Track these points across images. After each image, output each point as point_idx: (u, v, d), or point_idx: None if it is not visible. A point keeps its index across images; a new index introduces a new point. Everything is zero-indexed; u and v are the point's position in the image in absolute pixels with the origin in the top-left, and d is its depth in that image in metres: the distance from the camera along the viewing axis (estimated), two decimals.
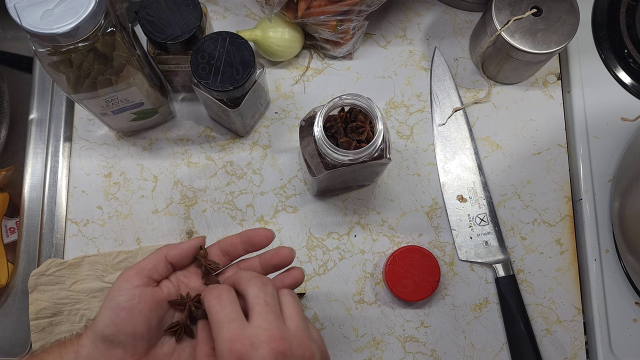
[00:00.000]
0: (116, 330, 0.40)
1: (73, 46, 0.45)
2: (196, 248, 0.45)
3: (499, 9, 0.59)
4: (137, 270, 0.42)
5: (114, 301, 0.41)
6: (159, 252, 0.44)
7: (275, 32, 0.62)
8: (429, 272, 0.58)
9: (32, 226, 0.62)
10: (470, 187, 0.63)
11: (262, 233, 0.45)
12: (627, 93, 0.65)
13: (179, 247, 0.44)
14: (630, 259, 0.58)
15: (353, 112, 0.52)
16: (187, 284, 0.45)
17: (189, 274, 0.45)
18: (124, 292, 0.41)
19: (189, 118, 0.65)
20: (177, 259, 0.44)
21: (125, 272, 0.42)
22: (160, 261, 0.43)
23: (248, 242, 0.45)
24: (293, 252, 0.45)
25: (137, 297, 0.41)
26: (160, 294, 0.43)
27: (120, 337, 0.40)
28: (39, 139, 0.65)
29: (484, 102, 0.66)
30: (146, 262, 0.43)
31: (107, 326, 0.40)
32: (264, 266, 0.45)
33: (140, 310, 0.41)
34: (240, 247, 0.45)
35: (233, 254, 0.46)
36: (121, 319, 0.40)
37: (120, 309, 0.40)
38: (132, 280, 0.42)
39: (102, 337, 0.41)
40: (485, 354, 0.59)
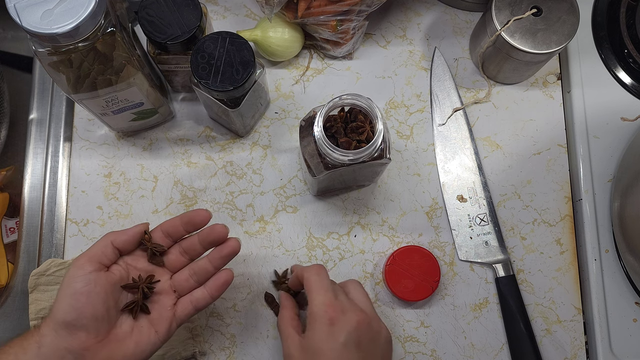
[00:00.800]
0: (78, 315, 0.43)
1: (73, 46, 0.45)
2: (140, 233, 0.48)
3: (499, 9, 0.59)
4: (87, 257, 0.45)
5: (71, 288, 0.43)
6: (105, 239, 0.46)
7: (275, 32, 0.62)
8: (429, 272, 0.58)
9: (32, 226, 0.62)
10: (470, 187, 0.63)
11: (202, 213, 0.48)
12: (627, 93, 0.65)
13: (124, 233, 0.47)
14: (630, 259, 0.58)
15: (353, 112, 0.52)
16: (135, 266, 0.48)
17: (136, 257, 0.48)
18: (80, 278, 0.44)
19: (189, 118, 0.65)
20: (123, 244, 0.47)
21: (77, 260, 0.45)
22: (107, 247, 0.46)
23: (189, 222, 0.48)
24: (226, 228, 0.49)
25: (93, 281, 0.44)
26: (113, 277, 0.46)
27: (82, 320, 0.43)
28: (39, 139, 0.65)
29: (484, 102, 0.66)
30: (95, 250, 0.46)
31: (67, 312, 0.43)
32: (202, 243, 0.49)
33: (97, 293, 0.44)
34: (181, 228, 0.49)
35: (175, 235, 0.49)
36: (81, 303, 0.43)
37: (79, 294, 0.43)
38: (85, 267, 0.44)
39: (64, 324, 0.42)
40: (485, 354, 0.59)
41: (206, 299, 0.49)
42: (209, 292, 0.49)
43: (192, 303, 0.49)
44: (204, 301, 0.49)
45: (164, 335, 0.47)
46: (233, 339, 0.59)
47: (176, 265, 0.50)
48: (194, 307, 0.49)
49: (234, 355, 0.59)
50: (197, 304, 0.49)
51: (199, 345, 0.58)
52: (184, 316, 0.48)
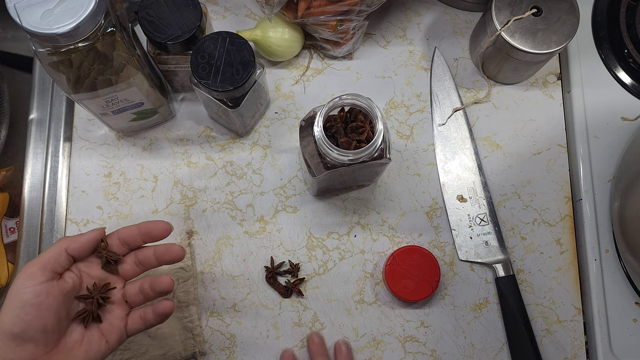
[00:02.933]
0: (26, 327, 0.41)
1: (73, 46, 0.45)
2: (96, 240, 0.46)
3: (499, 9, 0.59)
4: (39, 265, 0.43)
5: (20, 299, 0.41)
6: (59, 246, 0.44)
7: (275, 32, 0.62)
8: (429, 272, 0.58)
9: (32, 226, 0.62)
10: (470, 187, 0.63)
11: (160, 226, 0.47)
12: (627, 93, 0.65)
13: (78, 240, 0.45)
14: (630, 259, 0.58)
15: (353, 112, 0.52)
16: (88, 273, 0.46)
17: (90, 264, 0.47)
18: (30, 289, 0.41)
19: (189, 118, 0.65)
20: (78, 251, 0.45)
21: (27, 268, 0.43)
22: (61, 255, 0.44)
23: (147, 234, 0.47)
24: (183, 251, 0.48)
25: (45, 292, 0.42)
26: (66, 286, 0.44)
27: (30, 332, 0.41)
28: (39, 139, 0.65)
29: (484, 102, 0.66)
30: (47, 257, 0.43)
31: (15, 324, 0.41)
32: (158, 259, 0.48)
33: (49, 304, 0.42)
34: (139, 238, 0.47)
35: (131, 244, 0.47)
36: (30, 316, 0.41)
37: (29, 306, 0.41)
38: (36, 277, 0.42)
39: (11, 335, 0.41)
40: (485, 354, 0.59)
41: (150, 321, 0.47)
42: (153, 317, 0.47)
43: (142, 319, 0.47)
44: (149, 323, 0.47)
45: (114, 345, 0.46)
46: (233, 339, 0.59)
47: (129, 274, 0.48)
48: (143, 322, 0.47)
49: (234, 355, 0.59)
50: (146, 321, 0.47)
51: (199, 345, 0.58)
52: (134, 330, 0.47)
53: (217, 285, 0.60)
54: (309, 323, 0.60)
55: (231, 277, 0.61)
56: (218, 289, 0.60)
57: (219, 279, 0.61)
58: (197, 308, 0.59)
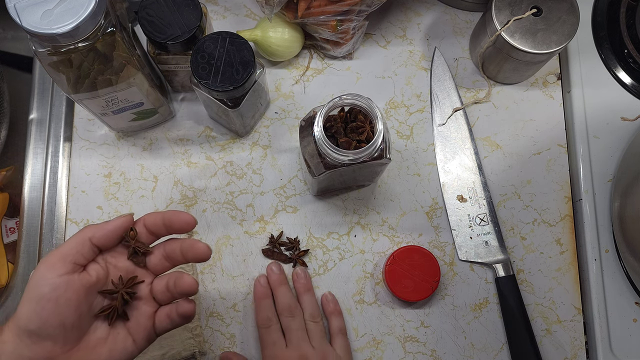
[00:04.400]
0: (42, 323, 0.38)
1: (73, 46, 0.45)
2: (123, 228, 0.42)
3: (499, 9, 0.59)
4: (60, 256, 0.39)
5: (37, 292, 0.38)
6: (82, 235, 0.40)
7: (275, 32, 0.62)
8: (429, 272, 0.58)
9: (32, 226, 0.62)
10: (470, 187, 0.63)
11: (183, 218, 0.42)
12: (627, 93, 0.65)
13: (104, 228, 0.41)
14: (630, 259, 0.58)
15: (353, 112, 0.52)
16: (115, 265, 0.42)
17: (117, 254, 0.42)
18: (48, 281, 0.38)
19: (189, 118, 0.65)
20: (103, 240, 0.41)
21: (47, 258, 0.39)
22: (84, 245, 0.40)
23: (169, 225, 0.42)
24: (210, 250, 0.43)
25: (64, 286, 0.38)
26: (89, 280, 0.40)
27: (48, 329, 0.38)
28: (39, 139, 0.65)
29: (484, 102, 0.66)
30: (69, 247, 0.39)
31: (31, 320, 0.38)
32: (184, 255, 0.43)
33: (67, 299, 0.38)
34: (163, 228, 0.43)
35: (157, 232, 0.43)
36: (47, 311, 0.37)
37: (46, 300, 0.37)
38: (56, 269, 0.38)
39: (27, 331, 0.38)
40: (485, 354, 0.59)
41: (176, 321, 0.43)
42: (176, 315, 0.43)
43: (169, 317, 0.43)
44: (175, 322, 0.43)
45: (142, 345, 0.42)
46: (233, 339, 0.59)
47: (158, 269, 0.44)
48: (170, 321, 0.43)
49: None
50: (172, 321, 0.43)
51: (199, 345, 0.58)
52: (162, 329, 0.43)
53: (217, 285, 0.60)
54: None
55: (231, 277, 0.61)
56: (218, 289, 0.60)
57: (219, 279, 0.61)
58: (197, 308, 0.59)
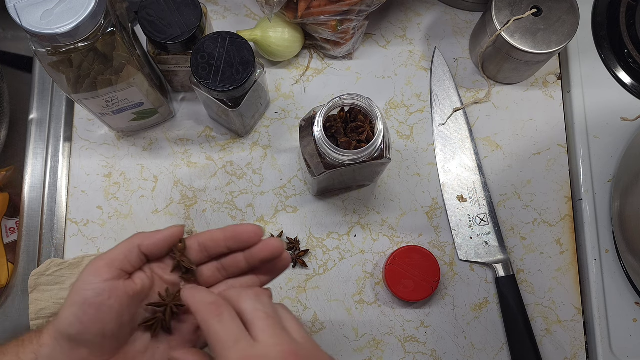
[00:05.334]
0: (82, 329, 0.36)
1: (73, 46, 0.45)
2: (173, 238, 0.40)
3: (499, 9, 0.59)
4: (107, 261, 0.38)
5: (80, 296, 0.36)
6: (132, 242, 0.39)
7: (275, 32, 0.62)
8: (429, 272, 0.58)
9: (32, 226, 0.62)
10: (470, 187, 0.63)
11: (251, 229, 0.39)
12: (627, 93, 0.65)
13: (154, 237, 0.39)
14: (630, 259, 0.58)
15: (353, 112, 0.52)
16: (162, 276, 0.40)
17: (165, 266, 0.41)
18: (92, 286, 0.37)
19: (189, 118, 0.65)
20: (152, 250, 0.39)
21: (94, 262, 0.38)
22: (132, 252, 0.39)
23: (234, 238, 0.40)
24: (283, 243, 0.41)
25: (107, 292, 0.37)
26: (134, 288, 0.38)
27: (87, 336, 0.36)
28: (39, 139, 0.65)
29: (484, 102, 0.66)
30: (117, 253, 0.38)
31: (72, 324, 0.36)
32: (249, 260, 0.41)
33: (110, 306, 0.37)
34: (223, 244, 0.40)
35: (213, 250, 0.41)
36: (88, 317, 0.36)
37: (88, 305, 0.36)
38: (101, 273, 0.37)
39: (67, 336, 0.37)
40: (485, 354, 0.59)
41: None
42: None
43: None
44: None
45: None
46: None
47: (209, 282, 0.41)
48: None
49: None
50: None
51: None
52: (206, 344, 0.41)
53: None
54: (309, 323, 0.60)
55: None
56: None
57: None
58: None
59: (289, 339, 0.35)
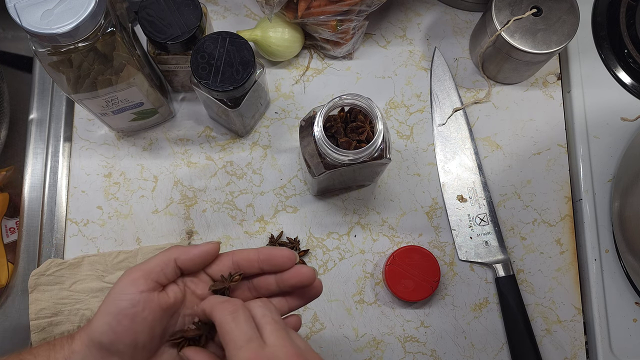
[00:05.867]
0: (115, 339, 0.37)
1: (73, 46, 0.45)
2: (209, 255, 0.41)
3: (499, 9, 0.59)
4: (144, 272, 0.38)
5: (116, 306, 0.37)
6: (169, 255, 0.40)
7: (275, 32, 0.62)
8: (429, 272, 0.58)
9: (32, 226, 0.62)
10: (470, 187, 0.63)
11: (285, 254, 0.40)
12: (627, 93, 0.65)
13: (190, 252, 0.40)
14: (630, 259, 0.58)
15: (353, 112, 0.52)
16: (194, 291, 0.41)
17: (197, 281, 0.41)
18: (128, 296, 0.37)
19: (189, 118, 0.65)
20: (187, 264, 0.40)
21: (131, 273, 0.38)
22: (168, 264, 0.39)
23: (267, 261, 0.41)
24: (315, 272, 0.41)
25: (142, 303, 0.37)
26: (167, 300, 0.39)
27: (119, 346, 0.37)
28: (39, 139, 0.65)
29: (484, 102, 0.66)
30: (154, 264, 0.39)
31: (105, 333, 0.37)
32: (280, 285, 0.41)
33: (144, 318, 0.37)
34: (256, 264, 0.41)
35: (246, 270, 0.41)
36: (122, 327, 0.37)
37: (123, 315, 0.37)
38: (138, 284, 0.38)
39: (99, 344, 0.37)
40: (485, 354, 0.59)
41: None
42: None
43: None
44: None
45: None
46: None
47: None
48: None
49: None
50: None
51: None
52: None
53: None
54: (309, 323, 0.60)
55: None
56: None
57: None
58: None
59: (294, 343, 0.37)
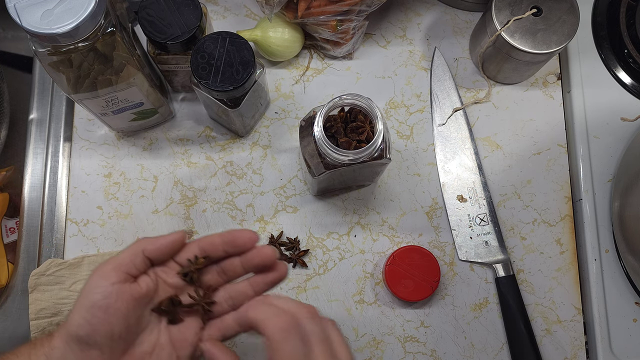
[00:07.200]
0: (92, 331, 0.38)
1: (73, 46, 0.45)
2: (175, 243, 0.42)
3: (499, 9, 0.59)
4: (114, 265, 0.40)
5: (89, 299, 0.38)
6: (137, 247, 0.41)
7: (275, 32, 0.62)
8: (429, 272, 0.58)
9: (32, 226, 0.62)
10: (470, 187, 0.63)
11: (246, 235, 0.42)
12: (627, 93, 0.65)
13: (157, 242, 0.41)
14: (630, 259, 0.58)
15: (353, 112, 0.52)
16: (165, 280, 0.42)
17: (168, 270, 0.43)
18: (101, 289, 0.39)
19: (189, 118, 0.65)
20: (155, 254, 0.41)
21: (101, 267, 0.40)
22: (138, 256, 0.41)
23: (230, 243, 0.42)
24: (275, 251, 0.42)
25: (115, 294, 0.39)
26: (139, 291, 0.40)
27: (96, 337, 0.38)
28: (39, 139, 0.65)
29: (484, 102, 0.66)
30: (123, 257, 0.40)
31: (81, 326, 0.38)
32: (245, 266, 0.43)
33: (117, 309, 0.39)
34: (221, 247, 0.42)
35: (212, 254, 0.43)
36: (97, 319, 0.38)
37: (97, 307, 0.38)
38: (109, 277, 0.39)
39: (77, 338, 0.38)
40: (485, 354, 0.59)
41: (235, 328, 0.42)
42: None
43: (221, 330, 0.42)
44: (233, 330, 0.42)
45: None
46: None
47: (211, 285, 0.44)
48: (222, 334, 0.42)
49: None
50: (225, 332, 0.42)
51: None
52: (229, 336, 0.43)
53: None
54: None
55: None
56: None
57: None
58: None
59: None
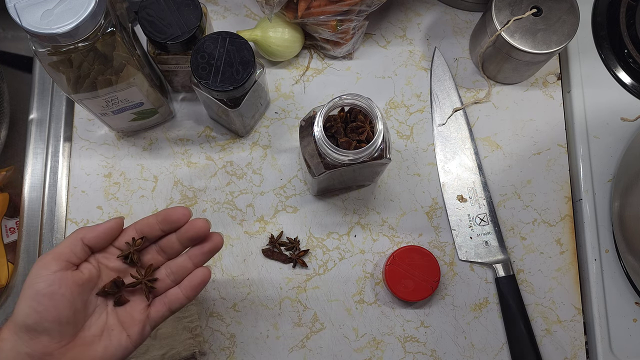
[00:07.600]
0: (39, 318, 0.40)
1: (73, 46, 0.45)
2: (113, 230, 0.44)
3: (499, 9, 0.59)
4: (54, 255, 0.42)
5: (33, 289, 0.40)
6: (75, 235, 0.43)
7: (275, 32, 0.62)
8: (429, 272, 0.58)
9: (32, 226, 0.62)
10: (470, 187, 0.63)
11: (180, 211, 0.44)
12: (627, 93, 0.65)
13: (95, 230, 0.43)
14: (630, 259, 0.58)
15: (353, 112, 0.52)
16: (107, 265, 0.44)
17: (109, 255, 0.45)
18: (43, 278, 0.40)
19: (189, 118, 0.65)
20: (94, 241, 0.43)
21: (42, 258, 0.42)
22: (76, 245, 0.42)
23: (165, 220, 0.45)
24: (208, 222, 0.45)
25: (58, 282, 0.40)
26: (81, 277, 0.42)
27: (44, 324, 0.40)
28: (39, 139, 0.65)
29: (484, 102, 0.66)
30: (62, 247, 0.42)
31: (28, 315, 0.40)
32: (181, 240, 0.45)
33: (62, 295, 0.40)
34: (157, 227, 0.45)
35: (150, 234, 0.45)
36: (43, 306, 0.40)
37: (41, 295, 0.40)
38: (50, 266, 0.41)
39: (25, 327, 0.40)
40: (485, 354, 0.59)
41: (180, 300, 0.45)
42: (184, 293, 0.45)
43: (166, 304, 0.45)
44: (179, 302, 0.45)
45: (136, 339, 0.44)
46: (233, 339, 0.59)
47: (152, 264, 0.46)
48: (168, 308, 0.45)
49: (234, 356, 0.59)
50: (171, 305, 0.45)
51: (198, 345, 0.58)
52: (157, 318, 0.45)
53: (217, 285, 0.60)
54: (309, 323, 0.60)
55: (231, 277, 0.61)
56: (218, 289, 0.60)
57: (219, 279, 0.61)
58: (197, 308, 0.59)
59: None
